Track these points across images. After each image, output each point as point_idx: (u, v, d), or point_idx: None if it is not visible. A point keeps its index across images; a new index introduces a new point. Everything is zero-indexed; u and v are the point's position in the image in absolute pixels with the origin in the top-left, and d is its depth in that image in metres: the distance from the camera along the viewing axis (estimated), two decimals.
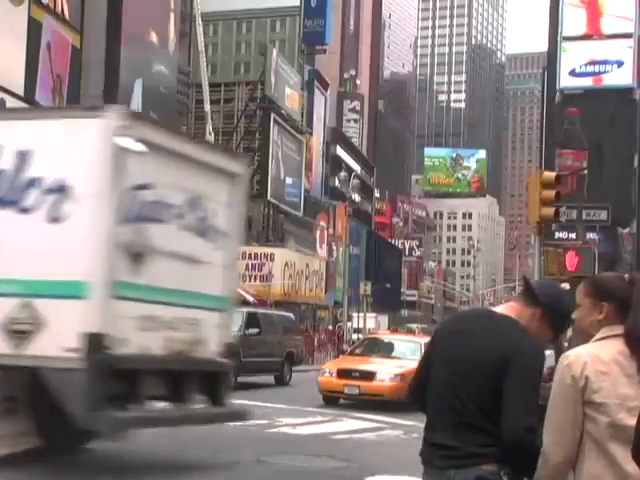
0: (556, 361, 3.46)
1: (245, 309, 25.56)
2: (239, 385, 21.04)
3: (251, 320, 22.52)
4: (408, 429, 14.31)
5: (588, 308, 3.33)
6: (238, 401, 17.55)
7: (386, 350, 19.81)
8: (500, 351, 3.44)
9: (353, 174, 59.57)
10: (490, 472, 3.40)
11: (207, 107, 53.54)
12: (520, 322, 3.57)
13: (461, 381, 3.48)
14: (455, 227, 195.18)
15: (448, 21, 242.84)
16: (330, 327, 57.43)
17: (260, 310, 26.51)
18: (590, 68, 73.03)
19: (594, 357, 3.15)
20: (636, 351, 3.15)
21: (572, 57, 72.65)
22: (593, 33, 73.30)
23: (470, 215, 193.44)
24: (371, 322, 62.39)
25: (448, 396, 3.51)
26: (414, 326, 66.42)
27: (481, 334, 3.53)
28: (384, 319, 73.04)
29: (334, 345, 40.15)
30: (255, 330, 22.08)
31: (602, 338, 3.23)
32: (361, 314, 58.06)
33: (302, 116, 79.44)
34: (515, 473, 3.44)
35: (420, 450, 3.63)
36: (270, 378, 23.65)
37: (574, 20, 73.41)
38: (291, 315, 29.37)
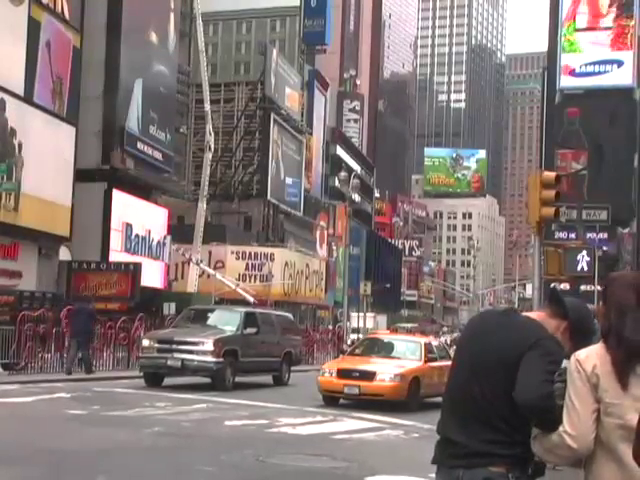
0: None
1: (243, 309, 25.23)
2: (237, 385, 21.05)
3: (249, 320, 22.23)
4: (408, 429, 14.31)
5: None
6: (237, 401, 17.58)
7: (386, 350, 19.77)
8: (520, 346, 3.43)
9: (353, 174, 59.50)
10: (498, 474, 3.39)
11: (207, 107, 53.53)
12: (543, 325, 3.58)
13: (476, 377, 3.50)
14: (455, 227, 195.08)
15: (448, 21, 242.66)
16: (330, 327, 57.39)
17: (258, 310, 25.97)
18: (590, 68, 73.02)
19: (603, 358, 3.17)
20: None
21: (572, 58, 72.64)
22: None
23: (470, 215, 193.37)
24: (369, 322, 62.37)
25: (462, 391, 3.54)
26: (403, 325, 66.23)
27: (500, 331, 3.56)
28: (383, 319, 72.99)
29: (334, 345, 40.11)
30: (253, 330, 21.77)
31: None
32: (360, 314, 58.06)
33: (302, 116, 79.46)
34: (524, 477, 3.43)
35: (435, 446, 3.64)
36: (268, 378, 23.60)
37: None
38: (289, 315, 28.78)
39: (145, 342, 21.79)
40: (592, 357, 3.18)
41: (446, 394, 3.72)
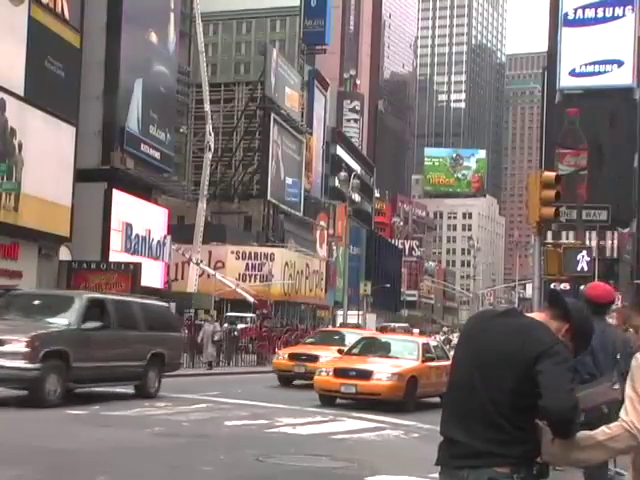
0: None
1: (86, 294, 18.00)
2: (73, 396, 15.61)
3: (92, 309, 16.06)
4: (408, 429, 14.32)
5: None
6: (237, 401, 17.58)
7: (383, 350, 19.74)
8: (531, 349, 3.41)
9: (353, 174, 59.53)
10: (503, 475, 3.38)
11: (207, 107, 53.56)
12: (547, 325, 3.56)
13: (479, 376, 3.47)
14: (455, 227, 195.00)
15: (448, 21, 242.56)
16: (330, 327, 57.41)
17: (110, 296, 18.61)
18: (590, 68, 73.03)
19: None
20: None
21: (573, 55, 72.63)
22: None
23: (470, 215, 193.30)
24: (357, 321, 62.16)
25: (464, 391, 3.52)
26: (391, 325, 66.27)
27: (505, 331, 3.53)
28: (372, 317, 72.66)
29: None
30: (96, 324, 15.77)
31: None
32: (354, 312, 58.03)
33: (302, 116, 79.50)
34: (529, 477, 3.43)
35: (438, 447, 3.63)
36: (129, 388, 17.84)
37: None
38: (165, 304, 20.77)
39: None
40: None
41: (447, 394, 3.70)
